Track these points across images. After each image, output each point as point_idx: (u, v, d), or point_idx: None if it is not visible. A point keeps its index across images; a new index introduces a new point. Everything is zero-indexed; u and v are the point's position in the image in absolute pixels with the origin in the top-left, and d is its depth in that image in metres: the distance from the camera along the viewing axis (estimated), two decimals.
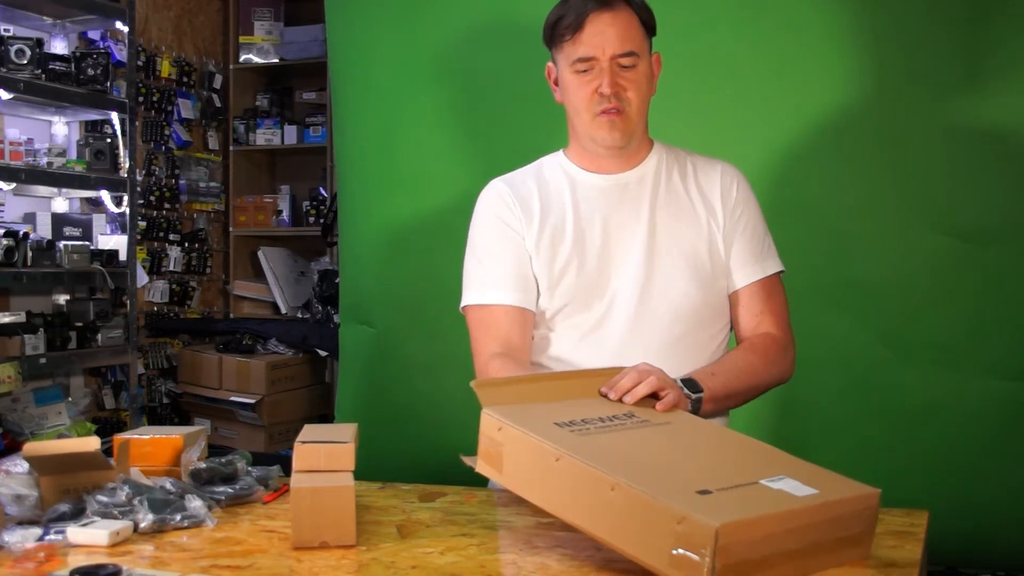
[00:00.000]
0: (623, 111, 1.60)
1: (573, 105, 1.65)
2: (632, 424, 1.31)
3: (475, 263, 1.71)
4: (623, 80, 1.59)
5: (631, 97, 1.60)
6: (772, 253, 1.71)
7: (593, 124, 1.62)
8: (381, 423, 2.83)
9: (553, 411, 1.31)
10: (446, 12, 2.78)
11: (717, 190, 1.67)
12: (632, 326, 1.61)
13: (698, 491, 1.08)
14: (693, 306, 1.62)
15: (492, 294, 1.67)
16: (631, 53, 1.59)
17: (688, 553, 1.00)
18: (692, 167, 1.71)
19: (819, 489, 1.12)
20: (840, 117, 2.37)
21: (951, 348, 2.30)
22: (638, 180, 1.68)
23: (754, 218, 1.69)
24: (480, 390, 1.34)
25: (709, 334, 1.65)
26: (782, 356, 1.66)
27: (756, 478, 1.15)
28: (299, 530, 1.31)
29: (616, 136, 1.62)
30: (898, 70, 2.31)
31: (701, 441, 1.33)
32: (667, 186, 1.68)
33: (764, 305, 1.66)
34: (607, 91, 1.58)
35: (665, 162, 1.70)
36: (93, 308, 3.66)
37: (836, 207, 2.39)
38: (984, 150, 2.26)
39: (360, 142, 2.99)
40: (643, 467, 1.15)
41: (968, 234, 2.27)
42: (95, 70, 3.47)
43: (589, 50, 1.58)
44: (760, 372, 1.63)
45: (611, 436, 1.26)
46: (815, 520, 1.09)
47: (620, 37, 1.58)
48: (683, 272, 1.63)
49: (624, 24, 1.58)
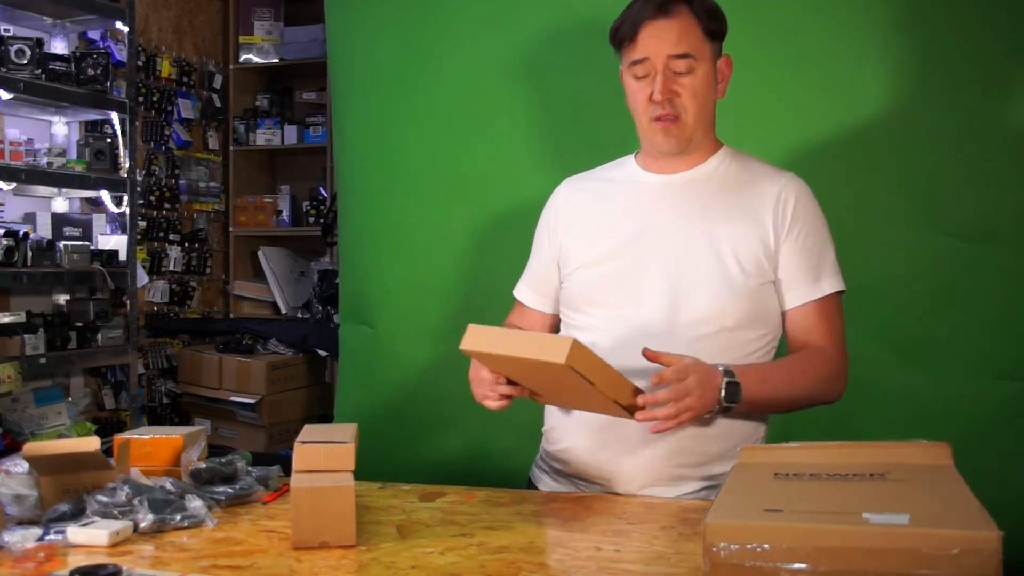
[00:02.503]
0: (678, 117, 1.61)
1: (632, 108, 1.67)
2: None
3: (529, 256, 1.87)
4: (677, 86, 1.59)
5: (686, 103, 1.60)
6: (832, 273, 1.67)
7: (649, 129, 1.64)
8: (381, 423, 2.83)
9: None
10: (446, 12, 2.78)
11: (771, 202, 1.64)
12: (661, 321, 1.61)
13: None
14: (721, 311, 1.59)
15: (521, 290, 1.86)
16: (686, 55, 1.58)
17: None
18: (753, 176, 1.69)
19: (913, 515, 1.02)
20: (840, 118, 2.37)
21: (951, 348, 2.30)
22: (690, 182, 1.68)
23: (812, 235, 1.65)
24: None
25: (742, 339, 1.62)
26: (832, 372, 1.63)
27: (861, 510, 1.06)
28: (299, 530, 1.31)
29: (671, 143, 1.64)
30: (901, 71, 2.31)
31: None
32: (720, 191, 1.67)
33: (816, 326, 1.64)
34: (659, 97, 1.59)
35: (725, 167, 1.69)
36: (93, 308, 3.66)
37: (836, 207, 2.38)
38: (986, 150, 2.26)
39: (360, 142, 2.99)
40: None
41: (969, 234, 2.27)
42: (95, 70, 3.47)
43: (643, 51, 1.60)
44: (808, 382, 1.61)
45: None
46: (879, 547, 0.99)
47: (674, 39, 1.57)
48: (716, 275, 1.61)
49: (680, 28, 1.58)
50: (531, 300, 1.83)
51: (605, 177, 1.79)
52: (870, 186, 2.35)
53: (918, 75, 2.29)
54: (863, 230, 2.36)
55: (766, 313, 1.64)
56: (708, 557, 1.01)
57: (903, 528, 0.98)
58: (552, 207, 1.82)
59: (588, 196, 1.77)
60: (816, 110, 2.39)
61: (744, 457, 1.31)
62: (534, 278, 1.84)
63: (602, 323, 1.65)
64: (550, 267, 1.79)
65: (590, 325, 1.68)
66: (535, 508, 1.52)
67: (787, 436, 1.40)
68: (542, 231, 1.83)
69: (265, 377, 4.30)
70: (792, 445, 1.33)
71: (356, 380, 3.05)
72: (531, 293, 1.83)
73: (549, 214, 1.82)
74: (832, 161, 2.38)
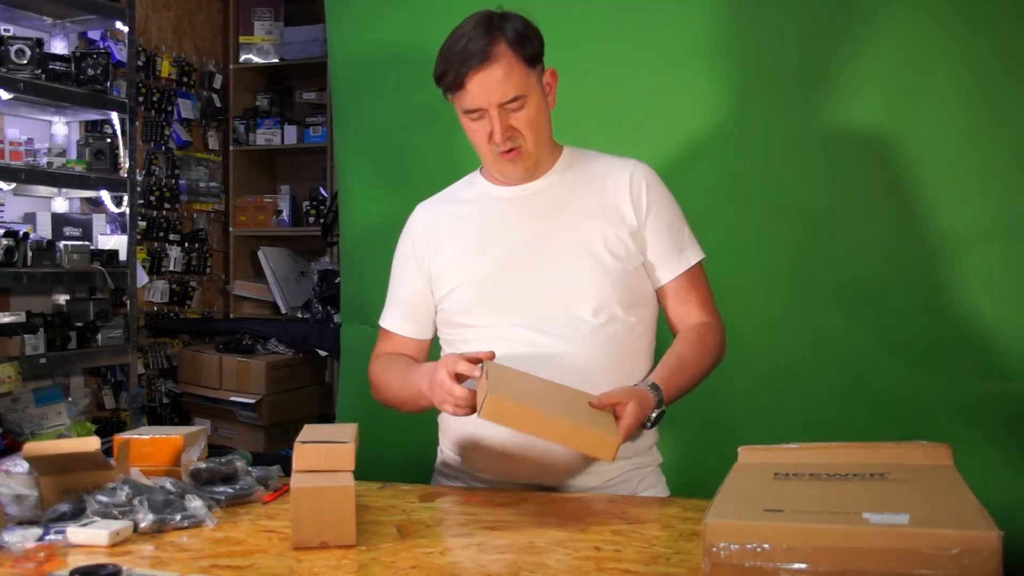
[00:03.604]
0: (521, 148, 1.68)
1: (474, 144, 1.72)
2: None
3: (390, 286, 1.89)
4: (514, 122, 1.65)
5: (526, 135, 1.67)
6: (691, 243, 1.76)
7: (496, 163, 1.71)
8: (381, 423, 2.82)
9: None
10: (446, 12, 2.77)
11: (625, 189, 1.72)
12: (554, 321, 1.66)
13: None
14: (606, 300, 1.66)
15: (390, 320, 1.86)
16: (515, 98, 1.63)
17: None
18: (599, 169, 1.76)
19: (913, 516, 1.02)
20: (837, 117, 2.37)
21: (949, 348, 2.30)
22: (545, 187, 1.75)
23: (668, 214, 1.74)
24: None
25: (630, 323, 1.69)
26: (717, 340, 1.75)
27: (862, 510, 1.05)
28: (299, 530, 1.31)
29: (520, 170, 1.71)
30: (896, 72, 2.31)
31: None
32: (573, 191, 1.74)
33: (690, 294, 1.74)
34: (499, 139, 1.65)
35: (571, 168, 1.76)
36: (93, 308, 3.66)
37: (834, 207, 2.39)
38: (982, 149, 2.26)
39: (360, 142, 2.99)
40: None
41: (966, 233, 2.27)
42: (95, 70, 3.47)
43: (475, 103, 1.64)
44: (705, 361, 1.71)
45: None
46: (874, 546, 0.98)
47: (502, 88, 1.62)
48: (594, 270, 1.67)
49: (503, 74, 1.61)
50: (404, 329, 1.83)
51: (459, 198, 1.84)
52: (867, 186, 2.35)
53: (917, 75, 2.29)
54: (860, 230, 2.36)
55: (643, 293, 1.73)
56: (708, 557, 1.01)
57: (903, 528, 0.98)
58: (412, 234, 1.84)
59: (449, 218, 1.81)
60: (813, 110, 2.39)
61: (744, 457, 1.31)
62: (404, 306, 1.84)
63: (491, 333, 1.68)
64: (421, 293, 1.81)
65: (475, 338, 1.70)
66: (535, 508, 1.52)
67: (788, 438, 1.40)
68: (407, 259, 1.83)
69: (265, 377, 4.30)
70: (792, 445, 1.33)
71: (357, 380, 3.04)
72: (403, 322, 1.83)
73: (411, 242, 1.83)
74: (829, 162, 2.38)
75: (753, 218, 2.43)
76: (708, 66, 2.47)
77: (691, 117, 2.50)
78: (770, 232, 2.42)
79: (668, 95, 2.50)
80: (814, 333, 2.39)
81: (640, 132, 2.49)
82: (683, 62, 2.48)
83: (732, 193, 2.44)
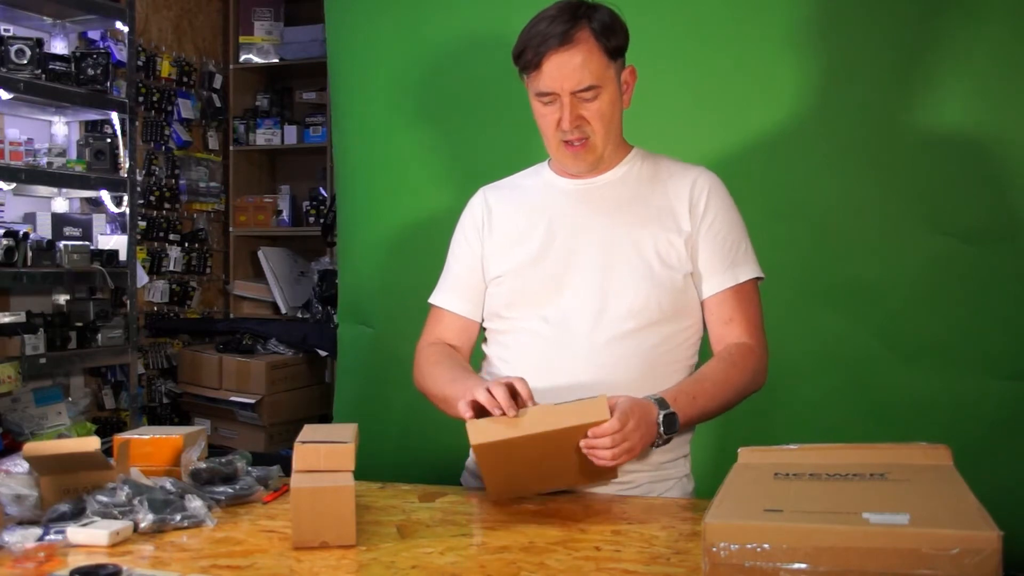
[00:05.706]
0: (587, 141, 1.65)
1: (540, 129, 1.70)
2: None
3: (445, 266, 1.85)
4: (585, 112, 1.62)
5: (595, 127, 1.64)
6: (746, 260, 1.69)
7: (559, 152, 1.68)
8: (381, 423, 2.83)
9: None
10: (446, 13, 2.78)
11: (685, 197, 1.68)
12: (589, 320, 1.64)
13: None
14: (645, 305, 1.63)
15: (442, 296, 1.82)
16: (590, 87, 1.60)
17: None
18: (664, 173, 1.73)
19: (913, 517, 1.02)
20: (838, 117, 2.37)
21: (948, 347, 2.30)
22: (606, 184, 1.72)
23: (725, 225, 1.69)
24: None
25: (668, 332, 1.65)
26: (756, 365, 1.66)
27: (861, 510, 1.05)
28: (299, 530, 1.31)
29: (581, 165, 1.69)
30: (897, 71, 2.31)
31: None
32: (635, 191, 1.71)
33: (735, 313, 1.66)
34: (567, 127, 1.62)
35: (637, 169, 1.74)
36: (93, 308, 3.66)
37: (834, 207, 2.39)
38: (982, 149, 2.26)
39: (360, 142, 2.99)
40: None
41: (965, 233, 2.27)
42: (95, 70, 3.47)
43: (548, 86, 1.61)
44: (736, 385, 1.63)
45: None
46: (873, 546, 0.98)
47: (578, 74, 1.59)
48: (639, 273, 1.64)
49: (582, 60, 1.59)
50: (455, 305, 1.79)
51: (522, 185, 1.82)
52: (866, 186, 2.35)
53: (917, 76, 2.29)
54: (860, 230, 2.36)
55: (688, 304, 1.67)
56: (708, 557, 1.01)
57: (903, 528, 0.98)
58: (473, 214, 1.82)
59: (507, 204, 1.79)
60: (814, 110, 2.39)
61: (744, 457, 1.31)
62: (457, 284, 1.81)
63: (529, 328, 1.67)
64: (473, 272, 1.78)
65: (516, 329, 1.69)
66: (535, 508, 1.52)
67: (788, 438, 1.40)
68: (468, 236, 1.80)
69: (265, 377, 4.30)
70: (792, 446, 1.33)
71: (355, 380, 3.05)
72: (455, 299, 1.80)
73: (472, 220, 1.81)
74: (829, 162, 2.38)
75: (753, 218, 2.43)
76: (708, 66, 2.48)
77: (690, 117, 2.50)
78: (770, 232, 2.42)
79: (668, 94, 2.50)
80: (814, 333, 2.39)
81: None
82: (684, 61, 2.48)
83: (731, 193, 2.44)
